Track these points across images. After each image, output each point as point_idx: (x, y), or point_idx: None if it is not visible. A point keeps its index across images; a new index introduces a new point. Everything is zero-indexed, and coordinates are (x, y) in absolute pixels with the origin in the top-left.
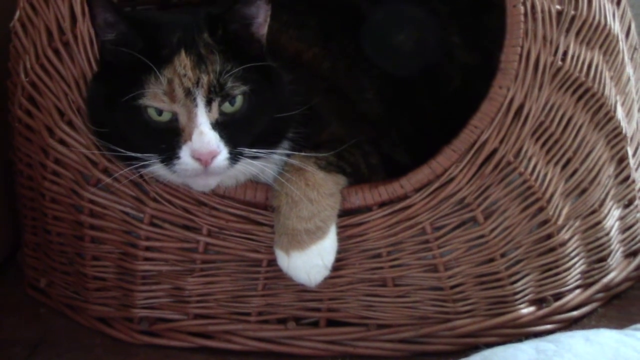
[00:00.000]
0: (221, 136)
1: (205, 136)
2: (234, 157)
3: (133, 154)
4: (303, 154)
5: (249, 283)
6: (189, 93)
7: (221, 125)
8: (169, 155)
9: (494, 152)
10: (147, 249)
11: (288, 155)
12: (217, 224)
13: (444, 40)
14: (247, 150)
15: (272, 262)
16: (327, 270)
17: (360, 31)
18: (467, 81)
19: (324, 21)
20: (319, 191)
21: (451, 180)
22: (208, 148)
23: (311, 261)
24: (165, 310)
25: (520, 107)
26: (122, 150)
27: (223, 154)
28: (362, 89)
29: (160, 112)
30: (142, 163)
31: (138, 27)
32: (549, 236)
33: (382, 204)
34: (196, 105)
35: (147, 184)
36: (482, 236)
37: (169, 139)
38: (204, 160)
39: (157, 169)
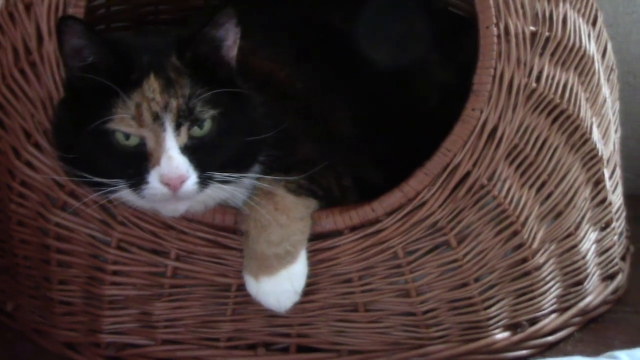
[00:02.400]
0: (190, 160)
1: (173, 161)
2: (203, 182)
3: (100, 180)
4: (273, 177)
5: (218, 308)
6: (157, 117)
7: (190, 150)
8: (137, 181)
9: (467, 175)
10: (115, 273)
11: (259, 179)
12: (185, 248)
13: (422, 58)
14: (216, 175)
15: (242, 287)
16: (297, 295)
17: (334, 49)
18: (444, 100)
19: (297, 40)
20: (289, 215)
21: (423, 203)
22: (177, 173)
23: (281, 286)
24: (133, 336)
25: (494, 129)
26: (89, 176)
27: (192, 178)
28: (335, 109)
29: (128, 136)
30: (110, 189)
31: (107, 50)
32: (524, 260)
33: (353, 228)
34: (164, 130)
35: (115, 207)
36: (455, 260)
37: (137, 163)
38: (173, 185)
39: (125, 194)
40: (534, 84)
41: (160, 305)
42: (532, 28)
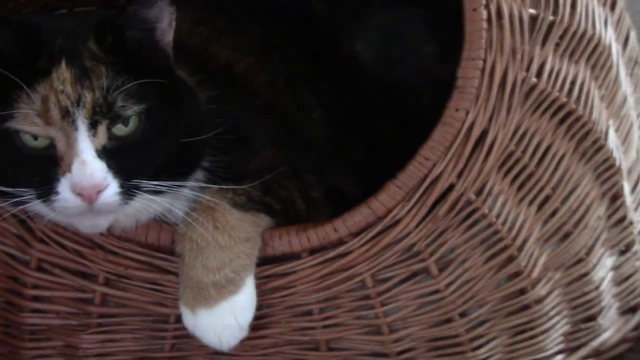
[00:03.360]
0: (110, 166)
1: (87, 166)
2: (128, 192)
3: (4, 189)
4: (217, 187)
5: (155, 342)
6: (67, 114)
7: (110, 153)
8: (46, 190)
9: (449, 188)
10: (35, 298)
11: (202, 189)
12: (115, 271)
13: (415, 50)
14: (145, 183)
15: (182, 318)
16: (242, 331)
17: (311, 38)
18: (440, 99)
19: (268, 28)
20: (231, 235)
21: (396, 223)
22: (91, 181)
23: (222, 321)
24: None
25: (483, 133)
26: None
27: (112, 187)
28: (305, 108)
29: (35, 136)
30: (16, 199)
31: (8, 33)
32: (522, 291)
33: (312, 251)
34: (76, 129)
35: (33, 222)
36: (436, 291)
37: (45, 169)
38: (87, 196)
39: (36, 206)
40: (533, 79)
41: (88, 337)
42: (531, 11)
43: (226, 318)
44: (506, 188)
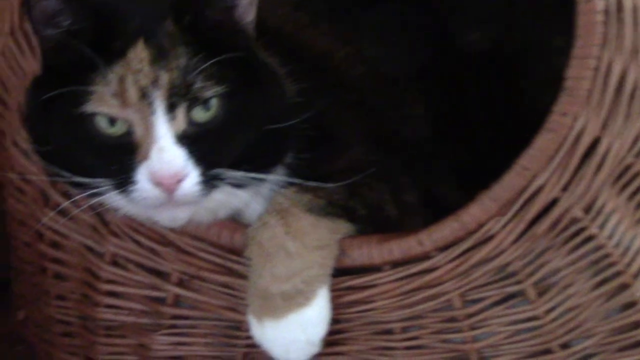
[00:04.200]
0: (190, 153)
1: (166, 153)
2: (209, 182)
3: (80, 180)
4: (299, 183)
5: (227, 349)
6: (144, 95)
7: (190, 139)
8: (123, 180)
9: (553, 203)
10: (109, 293)
11: (283, 187)
12: (188, 271)
13: (540, 44)
14: (227, 173)
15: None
16: (312, 346)
17: (416, 28)
18: None
19: (368, 12)
20: (303, 242)
21: (489, 239)
22: (171, 169)
23: (290, 334)
24: None
25: (595, 142)
26: (66, 175)
27: (193, 177)
28: (406, 104)
29: (112, 122)
30: (93, 191)
31: (85, 13)
32: (637, 325)
33: (395, 264)
34: (154, 112)
35: (108, 214)
36: (533, 318)
37: (122, 158)
38: (167, 186)
39: (113, 197)
40: None
41: (159, 338)
42: None
43: (294, 332)
44: (621, 205)
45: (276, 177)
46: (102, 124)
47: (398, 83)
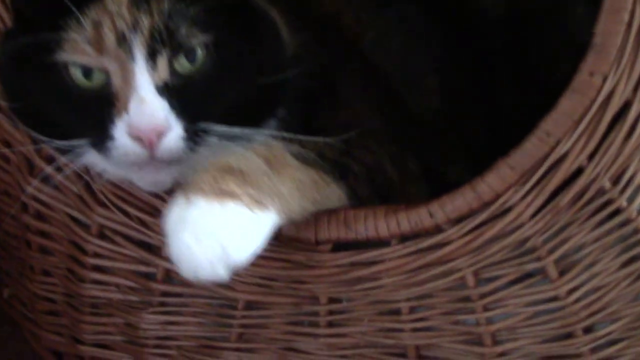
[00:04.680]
0: (173, 105)
1: (147, 105)
2: (194, 138)
3: (56, 142)
4: (292, 135)
5: (221, 330)
6: (122, 40)
7: (173, 91)
8: (101, 136)
9: (577, 173)
10: (95, 268)
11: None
12: None
13: (560, 10)
14: (214, 128)
15: (252, 305)
16: (225, 262)
17: None
18: None
19: None
20: (280, 172)
21: (507, 211)
22: (151, 122)
23: (212, 223)
24: (118, 352)
25: (625, 106)
26: (43, 137)
27: (175, 131)
28: (418, 75)
29: (88, 73)
30: (70, 150)
31: None
32: None
33: (403, 238)
34: (133, 59)
35: (94, 182)
36: (554, 298)
37: (100, 112)
38: (147, 140)
39: (91, 158)
40: None
41: (148, 317)
42: None
43: (216, 225)
44: None
45: (267, 131)
46: (77, 74)
47: (410, 53)
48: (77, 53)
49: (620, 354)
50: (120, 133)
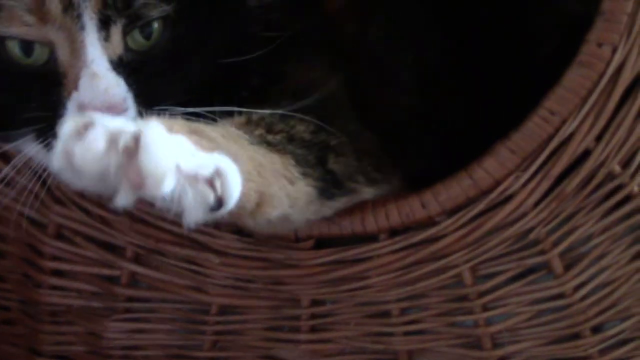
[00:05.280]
0: (128, 84)
1: (100, 80)
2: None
3: None
4: (252, 110)
5: (192, 337)
6: (69, 6)
7: (128, 68)
8: (48, 123)
9: (584, 155)
10: (54, 272)
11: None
12: (145, 244)
13: None
14: (172, 110)
15: (227, 309)
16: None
17: None
18: (573, 42)
19: None
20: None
21: (507, 200)
22: (107, 100)
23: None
24: None
25: (637, 80)
26: None
27: (131, 114)
28: (394, 69)
29: (28, 49)
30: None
31: None
32: None
33: (393, 232)
34: (83, 28)
35: (49, 176)
36: (560, 295)
37: (44, 94)
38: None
39: (37, 152)
40: None
41: (113, 325)
42: None
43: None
44: None
45: (226, 108)
46: (15, 51)
47: (392, 44)
48: (14, 24)
49: (632, 355)
50: (72, 116)
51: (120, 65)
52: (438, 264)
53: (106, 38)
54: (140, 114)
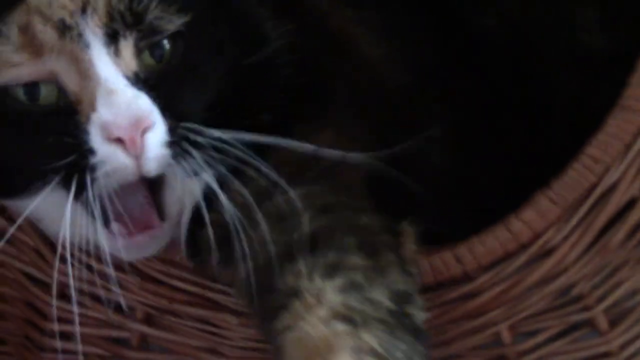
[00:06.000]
0: (150, 96)
1: (119, 95)
2: (179, 141)
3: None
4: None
5: None
6: (65, 29)
7: (146, 82)
8: (77, 159)
9: (630, 205)
10: (59, 335)
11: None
12: (157, 304)
13: (567, 16)
14: (199, 129)
15: None
16: None
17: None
18: (596, 84)
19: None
20: None
21: (548, 254)
22: (129, 113)
23: None
24: None
25: None
26: None
27: (159, 127)
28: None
29: (34, 91)
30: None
31: None
32: None
33: (425, 289)
34: (87, 46)
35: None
36: (605, 354)
37: (64, 133)
38: (129, 138)
39: (57, 200)
40: None
41: None
42: None
43: None
44: None
45: (264, 138)
46: (20, 96)
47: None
48: (7, 70)
49: None
50: (97, 140)
51: (139, 81)
52: (474, 323)
53: (116, 53)
54: (171, 131)
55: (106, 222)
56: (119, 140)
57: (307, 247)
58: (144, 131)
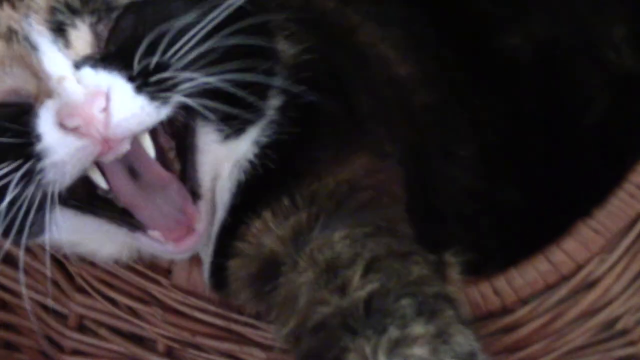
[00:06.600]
0: (107, 64)
1: (68, 80)
2: (155, 86)
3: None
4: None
5: None
6: (11, 35)
7: (104, 57)
8: (24, 146)
9: None
10: None
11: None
12: (179, 337)
13: (595, 35)
14: (180, 74)
15: None
16: None
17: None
18: (627, 104)
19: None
20: None
21: (591, 285)
22: (83, 90)
23: None
24: None
25: None
26: None
27: (119, 85)
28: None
29: None
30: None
31: None
32: None
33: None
34: (34, 47)
35: (71, 264)
36: None
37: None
38: (86, 116)
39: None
40: None
41: None
42: None
43: None
44: None
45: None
46: None
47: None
48: None
49: None
50: (45, 125)
51: (92, 60)
52: (514, 358)
53: (66, 45)
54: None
55: (138, 226)
56: (71, 118)
57: (362, 313)
58: (103, 104)
